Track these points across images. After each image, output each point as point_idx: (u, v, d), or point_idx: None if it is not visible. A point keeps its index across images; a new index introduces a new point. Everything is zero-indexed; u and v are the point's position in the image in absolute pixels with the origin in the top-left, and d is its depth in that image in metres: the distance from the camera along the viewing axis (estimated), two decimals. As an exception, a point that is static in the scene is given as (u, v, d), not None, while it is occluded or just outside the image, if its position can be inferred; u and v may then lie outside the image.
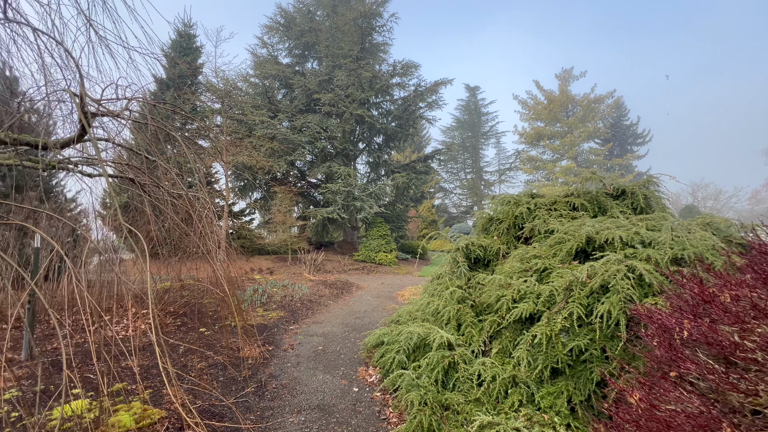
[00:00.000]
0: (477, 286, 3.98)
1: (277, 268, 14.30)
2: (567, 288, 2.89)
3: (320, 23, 17.73)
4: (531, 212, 4.41)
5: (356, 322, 6.45)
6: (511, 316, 3.00)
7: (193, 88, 15.14)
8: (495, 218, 4.79)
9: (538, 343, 2.79)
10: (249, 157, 12.97)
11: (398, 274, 14.43)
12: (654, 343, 1.47)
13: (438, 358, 3.18)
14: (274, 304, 7.27)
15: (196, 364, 4.26)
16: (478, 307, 3.78)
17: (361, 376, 4.04)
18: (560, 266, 3.36)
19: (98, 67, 3.53)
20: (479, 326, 3.53)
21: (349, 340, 5.37)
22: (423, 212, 29.21)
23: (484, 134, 38.41)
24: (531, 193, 4.83)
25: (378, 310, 7.47)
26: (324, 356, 4.70)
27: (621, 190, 4.37)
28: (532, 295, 3.12)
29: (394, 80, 16.47)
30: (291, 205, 15.55)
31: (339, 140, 16.54)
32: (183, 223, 4.23)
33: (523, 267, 3.54)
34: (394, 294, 9.33)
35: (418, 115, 17.64)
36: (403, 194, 19.30)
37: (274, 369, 4.25)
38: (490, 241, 4.52)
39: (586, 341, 2.61)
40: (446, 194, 39.56)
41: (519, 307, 3.03)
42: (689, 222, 3.15)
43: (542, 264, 3.37)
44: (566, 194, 4.57)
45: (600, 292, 2.70)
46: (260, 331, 5.64)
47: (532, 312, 2.99)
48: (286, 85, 18.46)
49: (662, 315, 1.56)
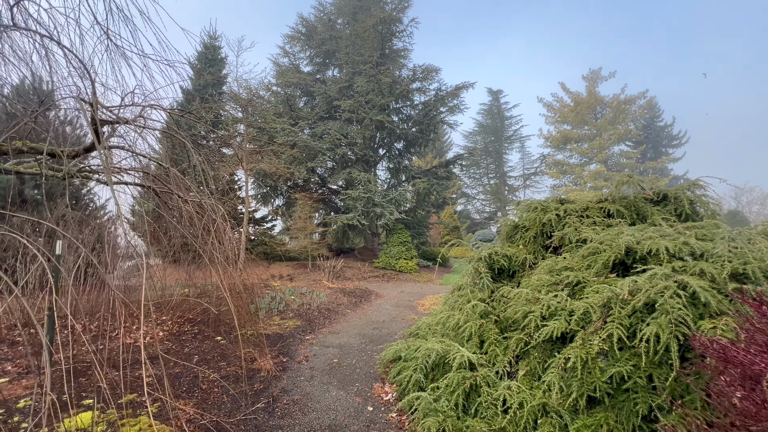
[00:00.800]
0: (501, 299, 3.68)
1: (297, 275, 14.31)
2: (604, 305, 2.57)
3: (341, 31, 17.87)
4: (560, 219, 4.07)
5: (374, 333, 6.23)
6: (541, 335, 2.70)
7: (216, 98, 15.54)
8: (520, 226, 4.47)
9: (572, 367, 2.48)
10: (270, 164, 13.10)
11: (419, 282, 14.11)
12: (736, 395, 1.17)
13: (458, 379, 2.91)
14: (291, 313, 7.16)
15: (208, 375, 4.16)
16: (503, 323, 3.48)
17: (376, 393, 3.81)
18: (595, 280, 3.03)
19: (116, 75, 3.53)
20: (504, 344, 3.23)
21: (366, 352, 5.15)
22: (445, 218, 28.73)
23: (508, 138, 37.54)
24: (560, 199, 4.48)
25: (397, 320, 7.21)
26: (339, 370, 4.50)
27: (662, 194, 3.96)
28: (563, 312, 2.81)
29: (414, 85, 16.31)
30: (311, 211, 15.59)
31: (359, 146, 16.50)
32: (203, 231, 4.17)
33: (552, 280, 3.22)
34: (414, 303, 9.05)
35: (438, 120, 17.36)
36: (424, 200, 19.00)
37: (286, 382, 4.08)
38: (515, 250, 4.21)
39: (629, 368, 2.28)
40: (469, 200, 38.85)
41: (549, 325, 2.72)
42: (749, 230, 2.75)
43: (574, 277, 3.05)
44: (599, 200, 4.20)
45: (644, 312, 2.37)
46: (276, 341, 5.52)
47: (564, 331, 2.68)
48: (306, 93, 18.68)
49: (739, 351, 1.26)
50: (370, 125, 15.91)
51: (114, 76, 3.44)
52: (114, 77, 3.44)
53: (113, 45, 3.30)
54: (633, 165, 33.59)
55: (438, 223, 26.01)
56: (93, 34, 3.18)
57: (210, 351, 5.03)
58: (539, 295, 3.10)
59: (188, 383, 3.95)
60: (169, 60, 3.34)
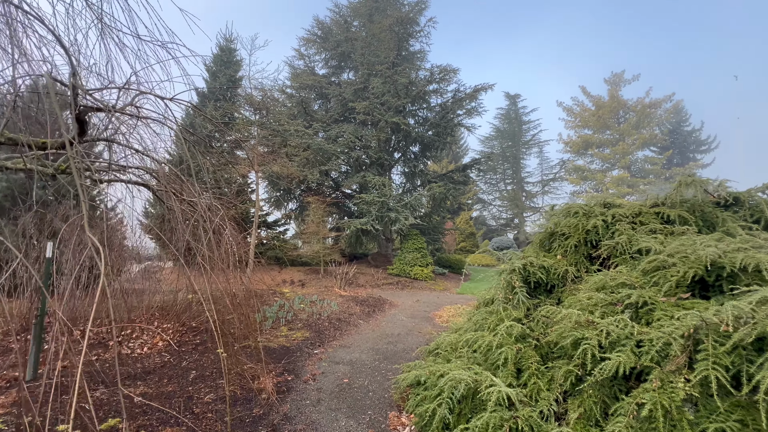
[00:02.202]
0: (540, 319, 3.13)
1: (309, 281, 13.90)
2: (689, 336, 2.00)
3: (356, 33, 17.59)
4: (608, 226, 3.50)
5: (388, 348, 5.71)
6: (603, 371, 2.14)
7: (232, 100, 15.42)
8: (558, 233, 3.90)
9: (648, 417, 1.92)
10: (283, 167, 12.80)
11: (435, 291, 13.51)
12: None
13: (495, 421, 2.36)
14: (300, 323, 6.70)
15: (203, 396, 3.72)
16: (544, 348, 2.93)
17: (392, 425, 3.29)
18: (664, 300, 2.46)
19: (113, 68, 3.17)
20: (547, 375, 2.68)
21: (380, 371, 4.64)
22: (460, 224, 28.01)
23: (526, 143, 36.57)
24: (604, 202, 3.90)
25: (413, 333, 6.67)
26: (349, 392, 4.00)
27: (733, 197, 3.35)
28: (628, 341, 2.25)
29: (431, 87, 15.84)
30: (324, 215, 15.21)
31: (374, 149, 16.09)
32: (195, 231, 3.77)
33: (608, 299, 2.66)
34: (430, 314, 8.48)
35: (456, 123, 16.81)
36: (440, 205, 18.42)
37: (290, 407, 3.60)
38: (553, 261, 3.64)
39: (733, 424, 1.71)
40: (485, 206, 37.96)
41: (612, 358, 2.16)
42: None
43: (637, 297, 2.48)
44: (654, 203, 3.61)
45: (752, 349, 1.79)
46: (281, 356, 5.06)
47: (632, 366, 2.12)
48: (321, 95, 18.44)
49: None
50: (385, 128, 15.49)
51: (113, 70, 3.09)
52: (113, 72, 3.09)
53: (107, 28, 2.94)
54: (658, 171, 32.18)
55: (453, 229, 25.32)
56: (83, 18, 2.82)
57: (210, 366, 4.60)
58: (594, 318, 2.54)
59: (181, 405, 3.52)
60: (163, 41, 2.96)
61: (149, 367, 4.50)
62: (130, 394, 3.66)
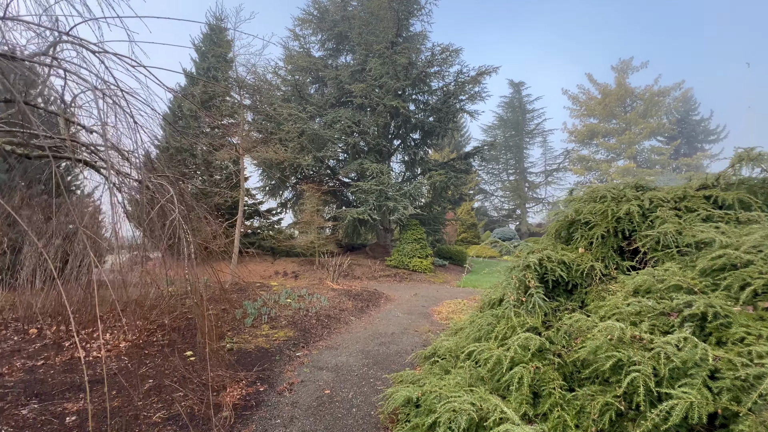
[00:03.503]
0: (562, 327, 2.49)
1: (302, 272, 13.33)
2: (800, 370, 1.35)
3: (354, 12, 16.67)
4: (645, 212, 2.84)
5: (380, 350, 5.10)
6: (668, 417, 1.50)
7: (224, 83, 14.61)
8: (580, 221, 3.24)
9: (741, 492, 1.29)
10: (275, 152, 12.08)
11: (434, 284, 12.92)
12: None
13: (508, 475, 1.74)
14: (284, 320, 6.10)
15: (152, 414, 3.11)
16: (568, 367, 2.29)
17: (376, 454, 2.68)
18: (739, 310, 1.81)
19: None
20: (575, 405, 2.04)
21: (368, 380, 4.03)
22: (461, 215, 27.35)
23: (529, 133, 35.59)
24: (637, 184, 3.24)
25: (409, 332, 6.07)
26: (329, 408, 3.39)
27: (805, 178, 2.67)
28: (698, 370, 1.61)
29: (432, 69, 14.99)
30: (320, 204, 14.53)
31: (372, 135, 15.34)
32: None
33: (658, 307, 2.01)
34: (428, 310, 7.88)
35: (458, 108, 15.99)
36: (441, 195, 17.72)
37: (255, 428, 3.00)
38: (574, 255, 2.99)
39: None
40: (486, 196, 37.23)
41: (681, 398, 1.52)
42: None
43: (704, 306, 1.83)
44: (702, 185, 2.93)
45: None
46: (256, 360, 4.45)
47: (712, 412, 1.48)
48: (317, 78, 17.61)
49: None
50: (384, 112, 14.71)
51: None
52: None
53: None
54: (665, 161, 31.36)
55: (454, 220, 24.66)
56: None
57: (172, 372, 3.99)
58: (639, 332, 1.90)
59: (122, 425, 2.91)
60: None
61: (101, 375, 3.90)
62: (64, 411, 3.06)
